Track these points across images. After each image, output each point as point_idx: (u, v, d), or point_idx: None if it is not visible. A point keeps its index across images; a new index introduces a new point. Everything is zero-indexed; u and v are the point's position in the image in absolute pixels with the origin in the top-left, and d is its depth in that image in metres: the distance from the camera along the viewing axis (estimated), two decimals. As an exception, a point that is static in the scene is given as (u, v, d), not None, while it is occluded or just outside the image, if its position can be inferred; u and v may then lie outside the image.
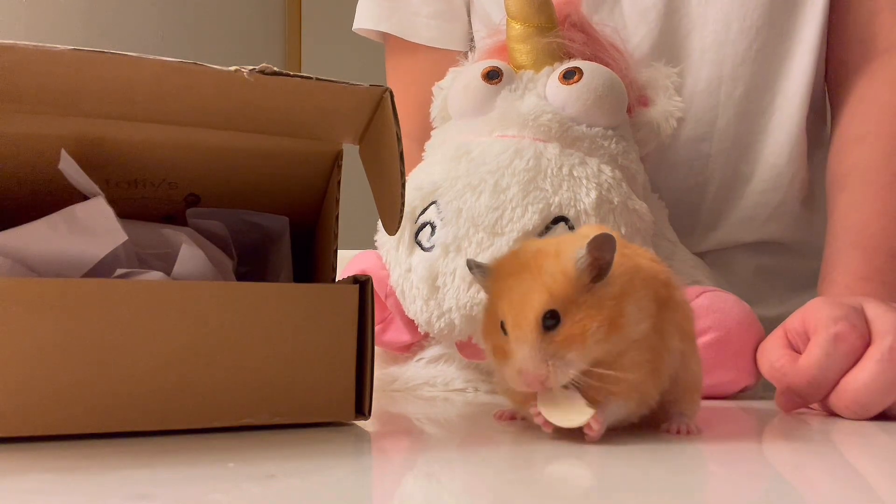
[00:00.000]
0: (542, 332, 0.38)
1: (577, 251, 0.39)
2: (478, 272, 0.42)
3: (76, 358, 0.37)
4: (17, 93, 0.40)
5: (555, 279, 0.38)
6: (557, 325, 0.38)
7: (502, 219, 0.57)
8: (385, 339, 0.65)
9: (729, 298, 0.60)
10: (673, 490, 0.32)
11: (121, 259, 0.43)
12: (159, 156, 0.46)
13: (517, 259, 0.41)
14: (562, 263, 0.39)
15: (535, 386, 0.38)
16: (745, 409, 0.56)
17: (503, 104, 0.63)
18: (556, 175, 0.59)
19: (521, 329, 0.38)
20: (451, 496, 0.31)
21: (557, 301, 0.38)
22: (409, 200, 0.60)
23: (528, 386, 0.38)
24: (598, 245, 0.38)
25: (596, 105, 0.62)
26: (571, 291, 0.38)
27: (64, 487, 0.30)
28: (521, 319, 0.38)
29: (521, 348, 0.38)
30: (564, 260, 0.39)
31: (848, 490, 0.32)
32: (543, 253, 0.40)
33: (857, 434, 0.46)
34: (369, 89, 0.43)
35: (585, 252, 0.38)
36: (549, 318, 0.38)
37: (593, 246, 0.38)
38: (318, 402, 0.42)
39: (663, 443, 0.40)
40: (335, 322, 0.42)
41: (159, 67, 0.39)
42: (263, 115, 0.44)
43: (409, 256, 0.60)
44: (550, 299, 0.38)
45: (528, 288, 0.38)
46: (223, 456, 0.35)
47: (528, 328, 0.38)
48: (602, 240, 0.38)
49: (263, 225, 0.51)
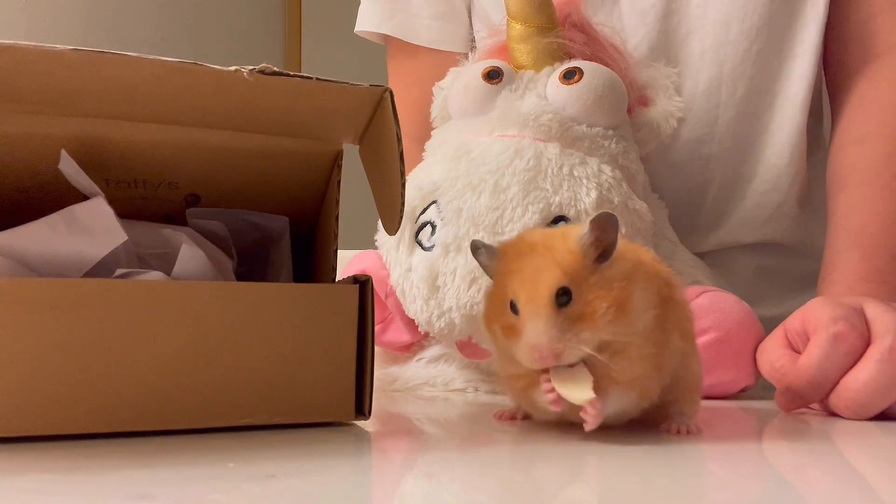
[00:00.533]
0: (556, 308, 0.38)
1: (581, 230, 0.39)
2: (484, 252, 0.42)
3: (76, 358, 0.37)
4: (17, 93, 0.40)
5: (564, 257, 0.39)
6: (569, 302, 0.38)
7: (502, 218, 0.57)
8: (385, 338, 0.65)
9: (729, 298, 0.60)
10: (673, 490, 0.32)
11: (121, 259, 0.43)
12: (159, 156, 0.46)
13: (524, 241, 0.41)
14: (568, 243, 0.39)
15: (549, 360, 0.38)
16: (745, 409, 0.56)
17: (503, 104, 0.63)
18: (556, 175, 0.59)
19: (534, 304, 0.38)
20: (451, 496, 0.31)
21: (569, 279, 0.38)
22: (410, 200, 0.60)
23: (542, 361, 0.38)
24: (600, 223, 0.39)
25: (596, 105, 0.62)
26: (580, 270, 0.39)
27: (64, 487, 0.30)
28: (534, 296, 0.38)
29: (536, 324, 0.38)
30: (570, 240, 0.39)
31: (848, 490, 0.32)
32: (550, 235, 0.41)
33: (857, 434, 0.46)
34: (369, 89, 0.43)
35: (588, 230, 0.39)
36: (563, 295, 0.38)
37: (595, 224, 0.39)
38: (318, 402, 0.42)
39: (663, 443, 0.40)
40: (335, 322, 0.42)
41: (159, 67, 0.39)
42: (263, 115, 0.44)
43: (410, 256, 0.60)
44: (563, 276, 0.38)
45: (540, 266, 0.39)
46: (223, 456, 0.35)
47: (542, 304, 0.38)
48: (604, 218, 0.39)
49: (263, 225, 0.51)
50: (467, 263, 0.57)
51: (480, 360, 0.61)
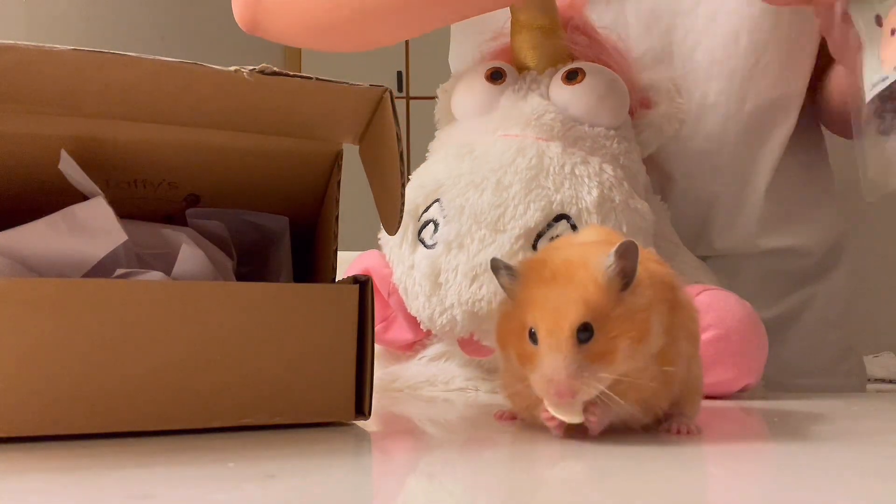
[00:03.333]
0: (577, 343, 0.38)
1: (605, 260, 0.39)
2: (505, 274, 0.41)
3: (76, 358, 0.37)
4: (17, 93, 0.40)
5: (587, 290, 0.38)
6: (590, 338, 0.38)
7: (504, 216, 0.58)
8: (387, 337, 0.65)
9: (730, 297, 0.60)
10: (673, 490, 0.32)
11: (121, 259, 0.43)
12: (159, 156, 0.46)
13: (546, 267, 0.40)
14: (591, 273, 0.39)
15: (564, 397, 0.38)
16: (745, 409, 0.56)
17: (507, 104, 0.64)
18: (558, 173, 0.59)
19: (555, 339, 0.38)
20: (452, 496, 0.31)
21: (592, 314, 0.38)
22: (413, 198, 0.60)
23: (558, 396, 0.38)
24: (623, 253, 0.38)
25: (598, 105, 0.63)
26: (605, 303, 0.38)
27: (64, 487, 0.30)
28: (555, 329, 0.38)
29: (555, 359, 0.38)
30: (593, 269, 0.39)
31: (848, 490, 0.32)
32: (572, 263, 0.40)
33: (858, 434, 0.46)
34: (369, 89, 0.43)
35: (614, 260, 0.38)
36: (584, 331, 0.38)
37: (620, 254, 0.38)
38: (318, 402, 0.42)
39: (663, 443, 0.40)
40: (335, 322, 0.42)
41: (159, 67, 0.39)
42: (263, 115, 0.44)
43: (412, 254, 0.61)
44: (587, 311, 0.38)
45: (564, 298, 0.38)
46: (223, 456, 0.35)
47: (563, 338, 0.38)
48: (626, 247, 0.38)
49: (263, 225, 0.51)
50: (469, 260, 0.57)
51: (482, 357, 0.62)
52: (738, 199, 0.75)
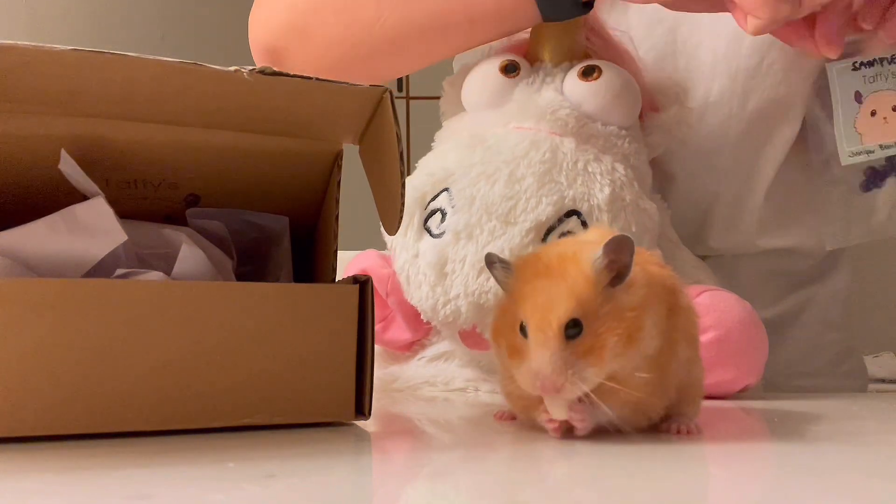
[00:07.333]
0: (565, 339, 0.38)
1: (593, 253, 0.39)
2: (500, 268, 0.41)
3: (76, 358, 0.37)
4: (17, 93, 0.40)
5: (577, 284, 0.38)
6: (579, 334, 0.38)
7: (516, 209, 0.58)
8: (386, 337, 0.65)
9: (730, 297, 0.60)
10: (673, 490, 0.32)
11: (121, 259, 0.43)
12: (159, 156, 0.46)
13: (540, 261, 0.40)
14: (581, 266, 0.39)
15: (549, 392, 0.38)
16: (745, 409, 0.56)
17: (520, 97, 0.63)
18: (571, 169, 0.59)
19: (543, 333, 0.38)
20: (452, 496, 0.31)
21: (581, 309, 0.38)
22: (420, 186, 0.60)
23: (542, 391, 0.38)
24: (614, 247, 0.38)
25: (613, 103, 0.63)
26: (594, 297, 0.38)
27: (64, 487, 0.30)
28: (544, 325, 0.38)
29: (542, 353, 0.38)
30: (583, 263, 0.39)
31: (848, 490, 0.32)
32: (565, 257, 0.40)
33: (858, 434, 0.46)
34: (369, 89, 0.43)
35: (602, 254, 0.38)
36: (573, 327, 0.38)
37: (610, 248, 0.38)
38: (318, 402, 0.42)
39: (663, 443, 0.40)
40: (335, 322, 0.42)
41: (159, 67, 0.39)
42: (263, 115, 0.44)
43: (417, 242, 0.60)
44: (576, 306, 0.38)
45: (554, 293, 0.38)
46: (223, 456, 0.35)
47: (552, 334, 0.38)
48: (619, 241, 0.38)
49: (263, 225, 0.51)
50: (478, 251, 0.57)
51: (482, 350, 0.61)
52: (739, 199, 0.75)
